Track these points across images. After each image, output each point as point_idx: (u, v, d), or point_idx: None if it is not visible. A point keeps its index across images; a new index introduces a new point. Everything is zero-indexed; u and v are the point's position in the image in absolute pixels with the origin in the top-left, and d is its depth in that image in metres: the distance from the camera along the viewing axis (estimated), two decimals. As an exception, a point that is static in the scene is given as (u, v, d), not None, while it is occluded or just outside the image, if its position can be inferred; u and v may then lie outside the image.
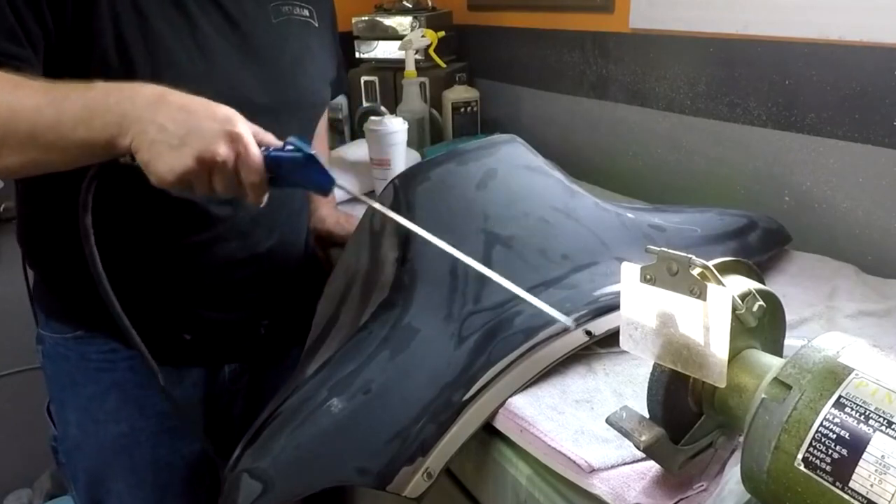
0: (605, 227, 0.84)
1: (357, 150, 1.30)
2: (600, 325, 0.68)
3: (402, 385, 0.68)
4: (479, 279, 0.73)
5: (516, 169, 0.86)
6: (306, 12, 0.92)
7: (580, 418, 0.63)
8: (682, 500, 0.53)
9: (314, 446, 0.67)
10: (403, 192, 0.83)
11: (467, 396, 0.65)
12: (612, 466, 0.57)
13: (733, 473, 0.49)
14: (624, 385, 0.67)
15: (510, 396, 0.65)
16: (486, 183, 0.82)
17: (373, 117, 1.18)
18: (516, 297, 0.68)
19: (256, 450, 0.70)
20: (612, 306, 0.68)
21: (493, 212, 0.80)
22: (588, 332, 0.68)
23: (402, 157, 1.16)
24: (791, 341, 0.54)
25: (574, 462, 0.57)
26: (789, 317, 0.75)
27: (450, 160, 0.84)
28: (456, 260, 0.70)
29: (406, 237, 0.80)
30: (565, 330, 0.67)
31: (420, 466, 0.62)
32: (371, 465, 0.63)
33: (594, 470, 0.56)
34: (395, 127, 1.15)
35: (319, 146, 1.07)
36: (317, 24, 0.93)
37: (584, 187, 1.25)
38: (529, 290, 0.69)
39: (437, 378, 0.68)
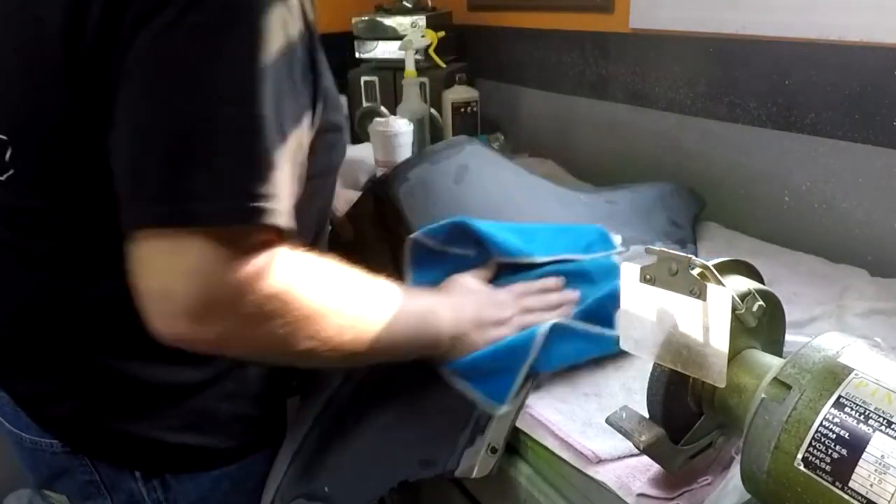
0: (570, 205, 0.94)
1: (359, 151, 1.31)
2: None
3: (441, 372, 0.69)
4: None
5: (483, 164, 0.91)
6: None
7: (589, 411, 0.64)
8: (686, 492, 0.53)
9: (371, 450, 0.67)
10: (385, 196, 0.84)
11: None
12: (619, 458, 0.58)
13: (738, 471, 0.49)
14: (633, 380, 0.67)
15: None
16: (461, 177, 0.86)
17: (378, 118, 1.18)
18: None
19: (303, 472, 0.69)
20: None
21: (476, 202, 0.83)
22: None
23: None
24: (797, 338, 0.54)
25: (581, 453, 0.59)
26: (799, 315, 0.76)
27: (423, 161, 0.87)
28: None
29: (394, 239, 0.81)
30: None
31: (482, 444, 0.63)
32: (434, 454, 0.64)
33: (601, 460, 0.57)
34: (402, 128, 1.15)
35: None
36: None
37: (583, 187, 1.26)
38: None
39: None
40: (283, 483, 0.70)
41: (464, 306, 0.69)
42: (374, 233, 0.86)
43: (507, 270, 0.77)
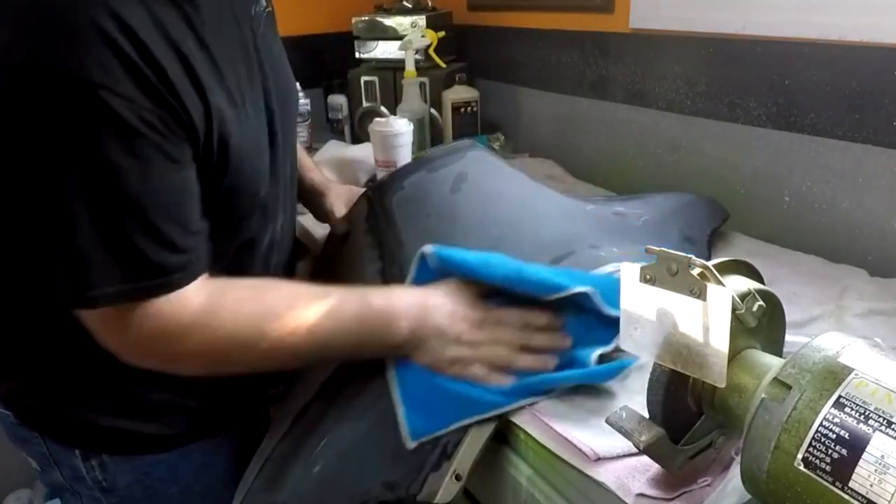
0: (574, 217, 0.88)
1: (359, 151, 1.31)
2: None
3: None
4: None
5: (484, 171, 0.87)
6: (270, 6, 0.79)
7: (589, 409, 0.63)
8: (685, 493, 0.53)
9: (336, 467, 0.66)
10: (379, 202, 0.82)
11: None
12: (618, 457, 0.57)
13: (738, 472, 0.49)
14: (633, 380, 0.67)
15: None
16: (458, 187, 0.82)
17: (378, 118, 1.18)
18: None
19: (268, 483, 0.69)
20: None
21: (470, 214, 0.80)
22: None
23: (407, 158, 1.16)
24: (797, 338, 0.54)
25: (580, 450, 0.58)
26: (799, 315, 0.76)
27: (420, 168, 0.84)
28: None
29: (384, 248, 0.80)
30: None
31: (447, 471, 0.63)
32: (398, 477, 0.63)
33: (599, 458, 0.57)
34: (401, 128, 1.15)
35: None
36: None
37: (583, 187, 1.26)
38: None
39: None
40: (251, 489, 0.70)
41: (433, 312, 0.66)
42: (366, 239, 0.84)
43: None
